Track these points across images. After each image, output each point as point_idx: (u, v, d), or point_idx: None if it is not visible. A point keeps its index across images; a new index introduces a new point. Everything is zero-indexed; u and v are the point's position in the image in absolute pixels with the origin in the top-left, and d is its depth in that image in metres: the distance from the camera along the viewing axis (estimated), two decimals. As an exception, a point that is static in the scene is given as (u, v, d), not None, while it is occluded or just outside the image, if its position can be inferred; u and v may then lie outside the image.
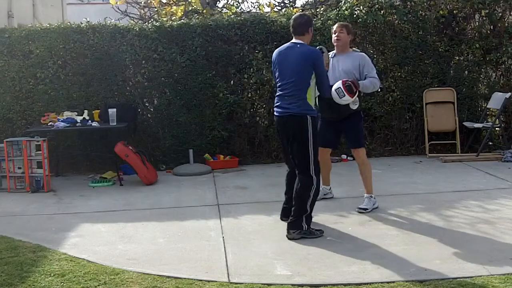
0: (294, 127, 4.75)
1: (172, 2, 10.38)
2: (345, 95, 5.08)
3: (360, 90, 5.29)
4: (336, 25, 5.55)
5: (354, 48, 5.69)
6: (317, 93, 4.94)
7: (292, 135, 4.78)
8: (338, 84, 5.11)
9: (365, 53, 5.70)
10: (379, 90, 8.04)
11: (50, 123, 7.12)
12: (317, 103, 5.20)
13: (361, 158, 5.54)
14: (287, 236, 4.73)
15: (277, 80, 4.89)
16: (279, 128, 4.95)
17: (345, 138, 5.72)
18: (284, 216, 5.06)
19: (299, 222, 4.71)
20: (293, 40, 4.84)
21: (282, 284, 3.83)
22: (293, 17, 4.96)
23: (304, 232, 4.70)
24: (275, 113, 4.92)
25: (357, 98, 5.34)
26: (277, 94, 4.89)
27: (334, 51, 5.53)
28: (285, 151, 5.02)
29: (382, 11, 7.98)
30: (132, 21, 9.95)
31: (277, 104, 4.87)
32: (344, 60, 5.41)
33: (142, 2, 10.89)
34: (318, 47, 4.95)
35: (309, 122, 4.69)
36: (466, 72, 8.27)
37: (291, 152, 4.86)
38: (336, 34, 5.43)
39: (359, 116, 5.50)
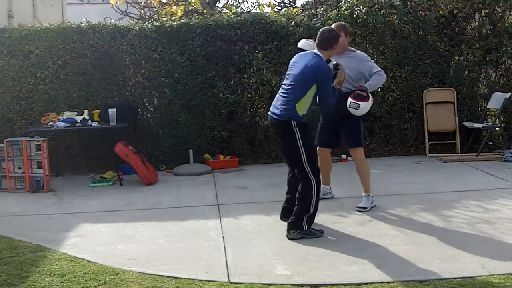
0: (282, 131, 4.82)
1: (172, 2, 10.39)
2: (359, 104, 5.20)
3: (369, 92, 5.32)
4: (333, 27, 5.43)
5: (350, 48, 5.62)
6: None
7: (280, 138, 4.90)
8: (348, 100, 5.21)
9: (360, 51, 5.71)
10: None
11: (50, 123, 7.13)
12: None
13: (358, 157, 5.54)
14: (287, 236, 4.73)
15: (284, 79, 4.93)
16: (272, 129, 5.00)
17: (343, 137, 5.68)
18: (284, 216, 5.07)
19: (299, 222, 4.71)
20: (315, 50, 4.81)
21: (282, 284, 3.83)
22: (322, 29, 4.90)
23: (304, 232, 4.70)
24: (269, 112, 4.97)
25: (360, 104, 5.31)
26: (278, 92, 4.93)
27: None
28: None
29: (382, 11, 7.98)
30: (132, 21, 9.95)
31: (273, 103, 4.92)
32: (343, 62, 5.28)
33: (142, 2, 10.89)
34: (334, 63, 4.90)
35: (294, 126, 4.70)
36: (466, 72, 8.27)
37: (284, 155, 4.90)
38: None
39: (358, 117, 5.49)
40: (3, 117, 7.76)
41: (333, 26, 5.45)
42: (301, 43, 5.21)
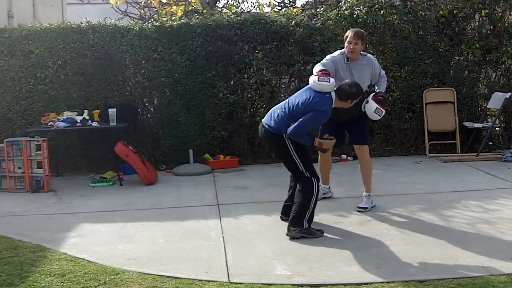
0: (273, 142, 4.91)
1: (172, 2, 10.38)
2: (383, 111, 5.30)
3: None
4: (350, 33, 5.33)
5: (361, 52, 5.51)
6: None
7: (272, 148, 4.93)
8: (372, 105, 5.22)
9: (370, 54, 5.71)
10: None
11: (50, 123, 7.12)
12: None
13: (365, 155, 5.55)
14: (287, 233, 4.74)
15: (291, 97, 4.95)
16: (262, 139, 5.15)
17: (350, 134, 5.63)
18: (284, 214, 5.08)
19: (300, 220, 4.72)
20: (333, 93, 4.78)
21: (282, 284, 3.84)
22: (346, 82, 4.90)
23: (304, 232, 4.70)
24: (262, 120, 4.96)
25: (384, 111, 5.38)
26: (279, 106, 4.91)
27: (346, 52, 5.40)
28: None
29: (382, 11, 7.97)
30: (132, 21, 9.95)
31: (269, 114, 4.90)
32: (358, 68, 5.32)
33: (142, 2, 10.89)
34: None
35: (286, 138, 4.72)
36: (466, 72, 8.27)
37: (281, 161, 5.01)
38: (352, 45, 5.28)
39: (366, 116, 5.47)
40: (3, 117, 7.76)
41: (351, 32, 5.35)
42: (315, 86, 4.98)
